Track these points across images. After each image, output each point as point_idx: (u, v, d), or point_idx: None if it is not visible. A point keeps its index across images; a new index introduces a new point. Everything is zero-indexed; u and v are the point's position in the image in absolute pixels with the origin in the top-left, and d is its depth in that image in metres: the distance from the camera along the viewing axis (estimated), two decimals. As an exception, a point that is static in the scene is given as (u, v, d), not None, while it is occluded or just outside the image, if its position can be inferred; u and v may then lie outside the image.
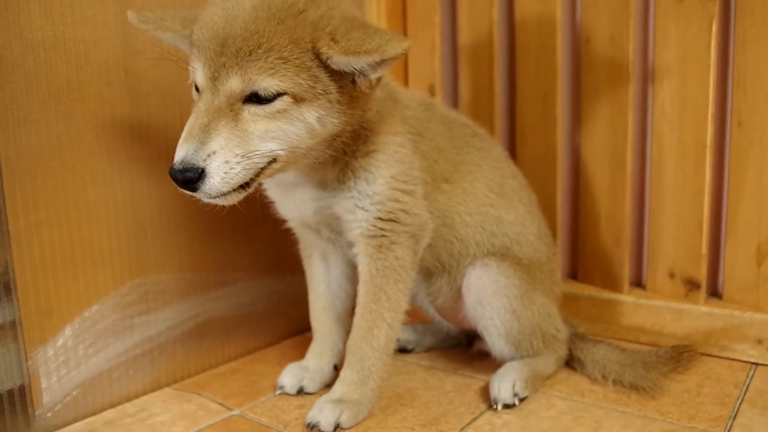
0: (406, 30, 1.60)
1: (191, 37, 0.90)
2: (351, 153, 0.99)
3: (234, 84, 0.84)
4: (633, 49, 1.30)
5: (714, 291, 1.36)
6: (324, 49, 0.84)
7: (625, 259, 1.37)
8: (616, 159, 1.35)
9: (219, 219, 1.21)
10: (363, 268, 1.04)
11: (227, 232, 1.26)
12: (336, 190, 1.01)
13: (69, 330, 1.04)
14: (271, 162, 0.88)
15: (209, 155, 0.83)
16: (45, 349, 1.01)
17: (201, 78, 0.87)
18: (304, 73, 0.85)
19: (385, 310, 1.02)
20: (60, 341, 1.03)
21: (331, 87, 0.88)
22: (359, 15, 0.92)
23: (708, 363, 1.22)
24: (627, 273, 1.38)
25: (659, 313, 1.32)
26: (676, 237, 1.32)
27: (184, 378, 1.22)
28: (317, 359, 1.17)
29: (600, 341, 1.20)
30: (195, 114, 0.86)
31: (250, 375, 1.24)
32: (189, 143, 0.83)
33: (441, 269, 1.15)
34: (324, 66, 0.86)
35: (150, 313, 1.15)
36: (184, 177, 0.82)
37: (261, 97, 0.85)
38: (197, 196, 0.85)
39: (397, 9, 1.59)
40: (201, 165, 0.82)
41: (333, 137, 0.95)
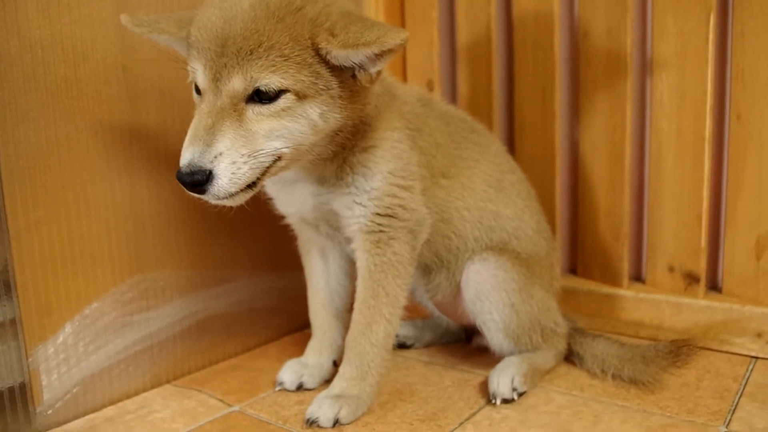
0: (404, 26, 1.59)
1: (188, 39, 0.90)
2: (349, 149, 0.99)
3: (236, 84, 0.84)
4: (631, 43, 1.30)
5: (713, 285, 1.35)
6: (323, 44, 0.84)
7: (625, 254, 1.37)
8: (614, 153, 1.35)
9: (218, 216, 1.21)
10: (361, 263, 1.04)
11: (226, 229, 1.26)
12: (334, 186, 1.01)
13: (69, 327, 1.04)
14: (276, 160, 0.89)
15: (216, 157, 0.83)
16: (45, 347, 1.01)
17: (202, 79, 0.87)
18: (305, 70, 0.85)
19: (384, 305, 1.02)
20: (60, 339, 1.03)
21: (333, 82, 0.88)
22: (356, 10, 0.92)
23: (707, 357, 1.22)
24: (626, 267, 1.38)
25: (659, 307, 1.32)
26: (675, 231, 1.31)
27: (184, 375, 1.22)
28: (316, 355, 1.18)
29: (599, 336, 1.20)
30: (198, 116, 0.86)
31: (249, 371, 1.24)
32: (195, 146, 0.83)
33: (440, 264, 1.15)
34: (325, 62, 0.86)
35: (150, 310, 1.15)
36: (192, 180, 0.83)
37: (264, 96, 0.85)
38: (205, 198, 0.86)
39: (395, 5, 1.59)
40: (208, 167, 0.83)
41: (335, 132, 0.95)
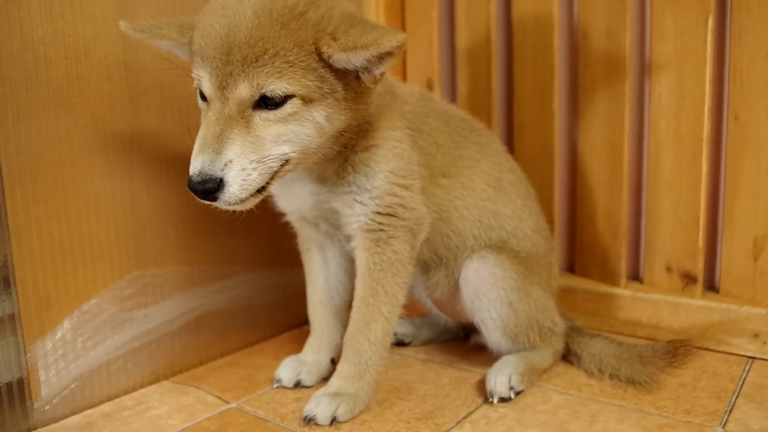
0: (404, 25, 1.60)
1: (191, 45, 0.90)
2: (350, 148, 1.00)
3: (243, 91, 0.84)
4: (630, 44, 1.30)
5: (711, 285, 1.36)
6: (325, 48, 0.85)
7: (622, 253, 1.37)
8: (613, 153, 1.35)
9: (217, 213, 1.20)
10: (360, 261, 1.04)
11: (225, 225, 1.26)
12: (335, 184, 1.02)
13: (68, 323, 1.05)
14: (284, 164, 0.90)
15: (226, 164, 0.84)
16: (44, 342, 1.02)
17: (208, 87, 0.87)
18: (310, 75, 0.86)
19: (383, 303, 1.03)
20: (59, 334, 1.03)
21: (337, 85, 0.89)
22: (357, 12, 0.93)
23: (704, 357, 1.22)
24: (624, 267, 1.38)
25: (656, 307, 1.32)
26: (673, 231, 1.32)
27: (181, 371, 1.22)
28: (315, 353, 1.18)
29: (597, 335, 1.20)
30: (206, 124, 0.86)
31: (247, 368, 1.24)
32: (204, 154, 0.84)
33: (439, 263, 1.15)
34: (328, 65, 0.87)
35: (148, 307, 1.15)
36: (203, 188, 0.84)
37: (270, 102, 0.86)
38: (216, 204, 0.86)
39: (396, 4, 1.59)
40: (219, 175, 0.83)
41: (339, 133, 0.95)
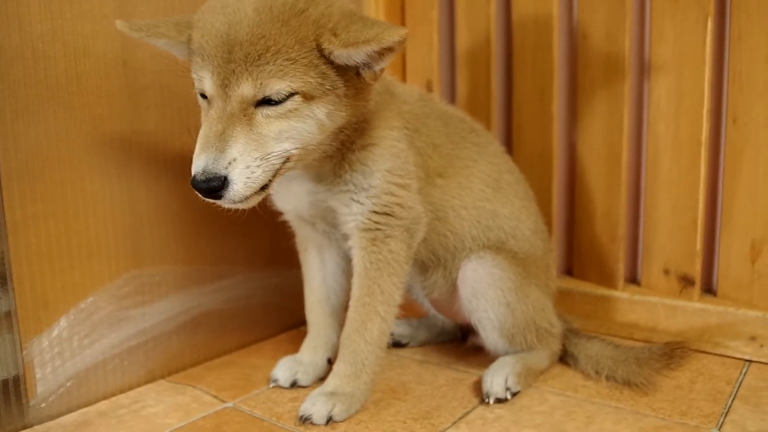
0: (404, 26, 1.60)
1: (189, 44, 0.90)
2: (348, 146, 0.99)
3: (246, 90, 0.84)
4: (629, 46, 1.30)
5: (708, 287, 1.36)
6: (326, 45, 0.85)
7: (620, 256, 1.37)
8: (612, 155, 1.35)
9: (215, 212, 1.20)
10: (357, 261, 1.04)
11: (223, 225, 1.26)
12: (332, 183, 1.01)
13: (64, 321, 1.04)
14: (286, 161, 0.89)
15: (230, 163, 0.83)
16: (40, 340, 1.02)
17: (210, 86, 0.87)
18: (312, 72, 0.86)
19: (379, 303, 1.03)
20: (55, 332, 1.03)
21: (339, 82, 0.89)
22: (357, 9, 0.93)
23: (701, 359, 1.22)
24: (622, 269, 1.38)
25: (654, 310, 1.32)
26: (671, 233, 1.32)
27: (178, 370, 1.22)
28: (311, 353, 1.18)
29: (594, 337, 1.20)
30: (208, 122, 0.86)
31: (244, 368, 1.24)
32: (207, 152, 0.84)
33: (436, 263, 1.15)
34: (330, 62, 0.87)
35: (145, 305, 1.15)
36: (208, 186, 0.83)
37: (273, 99, 0.86)
38: (220, 203, 0.86)
39: (396, 5, 1.59)
40: (223, 173, 0.83)
41: (339, 130, 0.95)
